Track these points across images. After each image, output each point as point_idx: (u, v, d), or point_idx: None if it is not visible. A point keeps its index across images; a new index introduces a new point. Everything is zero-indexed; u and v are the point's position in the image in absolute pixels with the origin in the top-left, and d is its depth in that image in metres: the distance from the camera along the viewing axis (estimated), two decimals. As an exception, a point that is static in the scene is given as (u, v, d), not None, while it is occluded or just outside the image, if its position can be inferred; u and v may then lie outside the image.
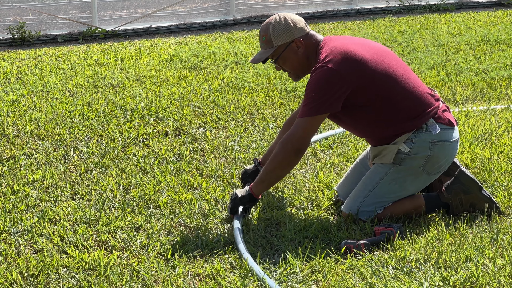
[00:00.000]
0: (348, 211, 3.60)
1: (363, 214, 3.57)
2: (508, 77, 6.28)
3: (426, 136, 3.52)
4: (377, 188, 3.57)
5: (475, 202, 3.63)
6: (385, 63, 3.55)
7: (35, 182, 4.14)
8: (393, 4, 10.64)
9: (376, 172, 3.59)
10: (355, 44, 3.57)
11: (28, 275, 3.13)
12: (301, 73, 3.68)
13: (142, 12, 9.70)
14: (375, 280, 3.01)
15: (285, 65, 3.65)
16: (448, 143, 3.56)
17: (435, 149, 3.53)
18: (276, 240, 3.44)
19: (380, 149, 3.60)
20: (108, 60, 7.19)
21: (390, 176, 3.56)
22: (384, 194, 3.57)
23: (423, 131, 3.53)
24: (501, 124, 4.99)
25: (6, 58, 7.40)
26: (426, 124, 3.53)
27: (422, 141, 3.52)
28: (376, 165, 3.62)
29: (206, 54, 7.39)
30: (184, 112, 5.36)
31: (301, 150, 3.49)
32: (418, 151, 3.52)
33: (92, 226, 3.59)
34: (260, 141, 4.78)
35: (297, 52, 3.60)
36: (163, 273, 3.13)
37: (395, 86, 3.53)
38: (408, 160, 3.54)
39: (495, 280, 2.98)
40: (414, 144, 3.52)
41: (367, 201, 3.57)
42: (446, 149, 3.56)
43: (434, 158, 3.54)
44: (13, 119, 5.21)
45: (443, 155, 3.56)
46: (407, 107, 3.53)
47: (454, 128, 3.61)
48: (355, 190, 3.63)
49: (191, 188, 4.07)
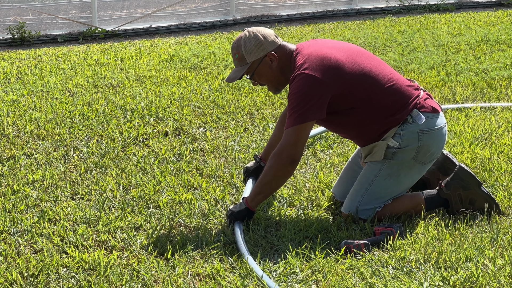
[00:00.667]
0: (347, 212, 3.61)
1: (363, 213, 3.58)
2: (508, 77, 6.28)
3: (413, 127, 3.54)
4: (373, 185, 3.58)
5: (475, 199, 3.63)
6: (361, 63, 3.56)
7: (35, 182, 4.14)
8: (393, 4, 10.64)
9: (370, 170, 3.60)
10: (329, 48, 3.57)
11: (28, 275, 3.13)
12: (279, 85, 3.68)
13: (142, 12, 9.70)
14: (375, 280, 3.01)
15: (261, 80, 3.65)
16: (436, 130, 3.58)
17: (424, 138, 3.55)
18: (276, 240, 3.44)
19: (370, 148, 3.61)
20: (108, 60, 7.19)
21: (384, 172, 3.57)
22: (380, 191, 3.58)
23: (409, 122, 3.55)
24: (501, 124, 4.99)
25: (6, 58, 7.40)
26: (410, 115, 3.55)
27: (410, 133, 3.54)
28: (369, 163, 3.63)
29: (206, 54, 7.39)
30: (184, 112, 5.36)
31: (295, 160, 3.49)
32: (407, 143, 3.54)
33: (92, 226, 3.59)
34: (260, 141, 4.78)
35: (271, 66, 3.60)
36: (163, 273, 3.13)
37: (374, 85, 3.54)
38: (400, 154, 3.55)
39: (495, 280, 2.98)
40: (402, 137, 3.54)
41: (365, 200, 3.58)
42: (435, 136, 3.58)
43: (425, 147, 3.56)
44: (13, 119, 5.21)
45: (433, 143, 3.58)
46: (389, 103, 3.55)
47: (439, 114, 3.62)
48: (352, 190, 3.64)
49: (191, 188, 4.07)
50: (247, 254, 3.23)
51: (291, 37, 8.39)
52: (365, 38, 8.25)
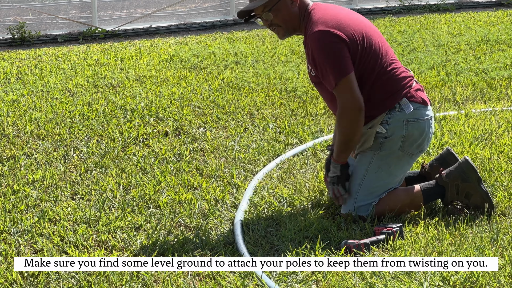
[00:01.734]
0: (346, 211, 3.62)
1: (361, 210, 3.59)
2: (508, 77, 6.28)
3: (399, 115, 3.56)
4: (365, 180, 3.60)
5: (471, 193, 3.63)
6: (372, 37, 3.59)
7: (35, 182, 4.14)
8: (393, 4, 10.64)
9: (360, 165, 3.63)
10: (344, 15, 3.59)
11: (28, 275, 3.13)
12: (292, 30, 3.65)
13: (142, 12, 9.70)
14: (375, 280, 3.01)
15: (277, 18, 3.59)
16: (422, 121, 3.60)
17: (409, 127, 3.57)
18: (276, 240, 3.44)
19: None
20: (108, 60, 7.19)
21: (374, 165, 3.59)
22: (374, 184, 3.59)
23: (396, 111, 3.57)
24: (501, 124, 4.99)
25: (6, 58, 7.40)
26: (399, 103, 3.57)
27: (396, 121, 3.56)
28: (358, 158, 3.65)
29: (206, 54, 7.39)
30: (184, 112, 5.36)
31: (361, 108, 3.48)
32: (393, 131, 3.56)
33: (92, 226, 3.59)
34: (260, 141, 4.78)
35: (291, 7, 3.59)
36: (163, 273, 3.13)
37: (379, 62, 3.57)
38: (387, 144, 3.57)
39: (495, 280, 2.98)
40: (389, 125, 3.57)
41: (361, 196, 3.60)
42: (421, 127, 3.59)
43: (410, 137, 3.58)
44: (13, 119, 5.22)
45: (418, 133, 3.59)
46: (385, 85, 3.57)
47: (428, 107, 3.65)
48: (348, 189, 3.65)
49: (191, 188, 4.07)
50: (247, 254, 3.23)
51: (291, 37, 8.39)
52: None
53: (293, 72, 6.56)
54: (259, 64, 6.91)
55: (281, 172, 4.25)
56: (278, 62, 7.02)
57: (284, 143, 4.76)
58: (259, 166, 4.38)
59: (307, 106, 5.53)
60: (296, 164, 4.36)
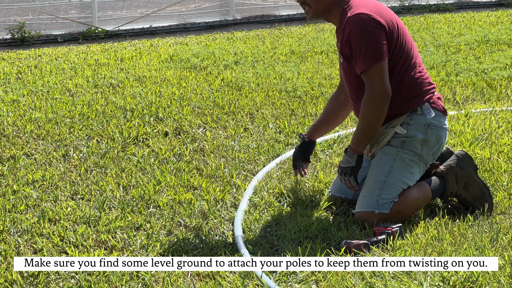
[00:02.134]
0: (367, 209, 3.54)
1: (384, 207, 3.53)
2: (508, 77, 6.28)
3: (421, 119, 3.58)
4: (390, 177, 3.55)
5: (469, 182, 3.65)
6: (405, 35, 3.62)
7: (35, 182, 4.14)
8: (393, 4, 10.64)
9: (383, 163, 3.59)
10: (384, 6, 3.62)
11: (28, 275, 3.13)
12: (320, 12, 3.62)
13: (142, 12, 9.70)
14: (375, 280, 3.01)
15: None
16: (441, 129, 3.62)
17: (429, 132, 3.58)
18: (276, 240, 3.44)
19: (378, 135, 3.63)
20: (108, 60, 7.19)
21: (399, 163, 3.57)
22: (398, 182, 3.56)
23: (417, 114, 3.58)
24: (501, 124, 4.99)
25: (6, 58, 7.40)
26: (421, 107, 3.58)
27: (418, 124, 3.57)
28: (380, 155, 3.62)
29: (206, 54, 7.39)
30: (184, 112, 5.36)
31: (388, 95, 3.48)
32: (414, 133, 3.57)
33: (92, 226, 3.59)
34: (260, 141, 4.78)
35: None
36: (163, 273, 3.13)
37: (409, 61, 3.59)
38: (408, 144, 3.57)
39: (495, 280, 2.98)
40: (410, 126, 3.57)
41: (385, 192, 3.54)
42: (439, 135, 3.61)
43: (429, 143, 3.59)
44: (13, 119, 5.22)
45: (436, 141, 3.60)
46: (412, 86, 3.58)
47: (446, 117, 3.68)
48: (367, 187, 3.59)
49: (191, 188, 4.07)
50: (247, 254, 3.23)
51: (291, 37, 8.40)
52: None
53: (293, 72, 6.56)
54: (259, 64, 6.91)
55: (281, 172, 4.25)
56: (278, 62, 7.02)
57: (284, 143, 4.76)
58: (259, 166, 4.38)
59: (307, 106, 5.53)
60: (296, 164, 4.36)
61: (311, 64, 6.91)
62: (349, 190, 3.72)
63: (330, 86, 6.08)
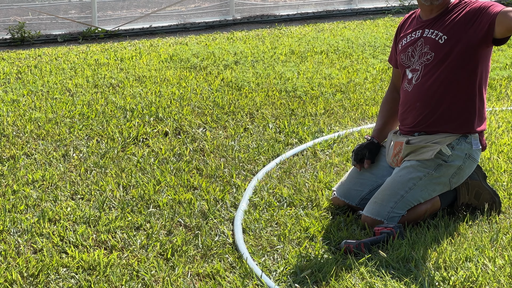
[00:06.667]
0: (376, 217, 3.49)
1: (393, 220, 3.49)
2: (508, 77, 6.27)
3: (466, 146, 3.54)
4: (409, 194, 3.49)
5: (480, 191, 3.63)
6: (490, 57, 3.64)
7: (35, 182, 4.14)
8: (393, 4, 10.64)
9: (408, 177, 3.51)
10: None
11: (28, 275, 3.13)
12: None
13: (142, 12, 9.70)
14: (375, 280, 3.01)
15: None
16: (475, 163, 3.59)
17: (467, 163, 3.55)
18: (276, 240, 3.44)
19: (418, 146, 3.56)
20: (108, 60, 7.19)
21: (423, 183, 3.50)
22: (414, 201, 3.51)
23: (466, 141, 3.55)
24: (501, 124, 4.99)
25: (6, 58, 7.40)
26: (472, 135, 3.56)
27: (461, 150, 3.53)
28: (409, 168, 3.54)
29: (206, 54, 7.39)
30: (184, 112, 5.36)
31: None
32: (454, 158, 3.52)
33: (92, 226, 3.59)
34: (260, 141, 4.78)
35: None
36: (163, 273, 3.13)
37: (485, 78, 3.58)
38: (444, 169, 3.51)
39: (495, 280, 2.98)
40: (454, 150, 3.52)
41: (399, 206, 3.48)
42: (472, 168, 3.59)
43: (462, 172, 3.55)
44: (13, 119, 5.22)
45: (467, 172, 3.58)
46: (482, 108, 3.58)
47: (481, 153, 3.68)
48: (383, 194, 3.52)
49: (191, 188, 4.07)
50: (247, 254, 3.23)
51: (291, 37, 8.40)
52: (365, 38, 8.25)
53: (293, 72, 6.56)
54: (259, 64, 6.91)
55: (280, 172, 4.25)
56: (278, 62, 7.02)
57: (284, 143, 4.76)
58: (259, 166, 4.38)
59: (307, 106, 5.53)
60: (296, 164, 4.36)
61: (311, 64, 6.92)
62: (355, 197, 3.70)
63: (330, 86, 6.08)
